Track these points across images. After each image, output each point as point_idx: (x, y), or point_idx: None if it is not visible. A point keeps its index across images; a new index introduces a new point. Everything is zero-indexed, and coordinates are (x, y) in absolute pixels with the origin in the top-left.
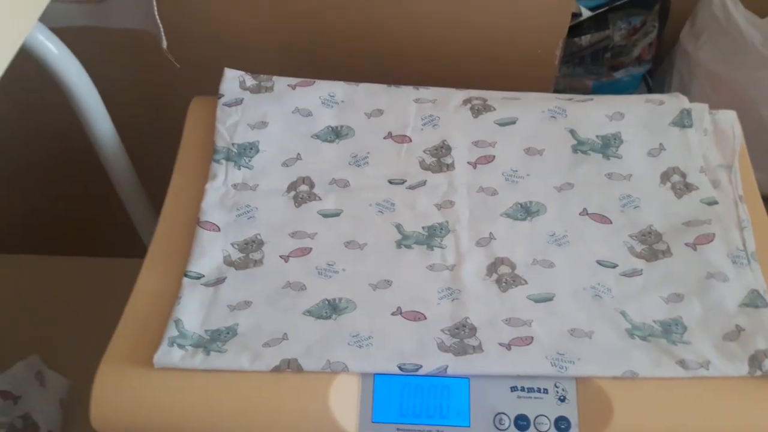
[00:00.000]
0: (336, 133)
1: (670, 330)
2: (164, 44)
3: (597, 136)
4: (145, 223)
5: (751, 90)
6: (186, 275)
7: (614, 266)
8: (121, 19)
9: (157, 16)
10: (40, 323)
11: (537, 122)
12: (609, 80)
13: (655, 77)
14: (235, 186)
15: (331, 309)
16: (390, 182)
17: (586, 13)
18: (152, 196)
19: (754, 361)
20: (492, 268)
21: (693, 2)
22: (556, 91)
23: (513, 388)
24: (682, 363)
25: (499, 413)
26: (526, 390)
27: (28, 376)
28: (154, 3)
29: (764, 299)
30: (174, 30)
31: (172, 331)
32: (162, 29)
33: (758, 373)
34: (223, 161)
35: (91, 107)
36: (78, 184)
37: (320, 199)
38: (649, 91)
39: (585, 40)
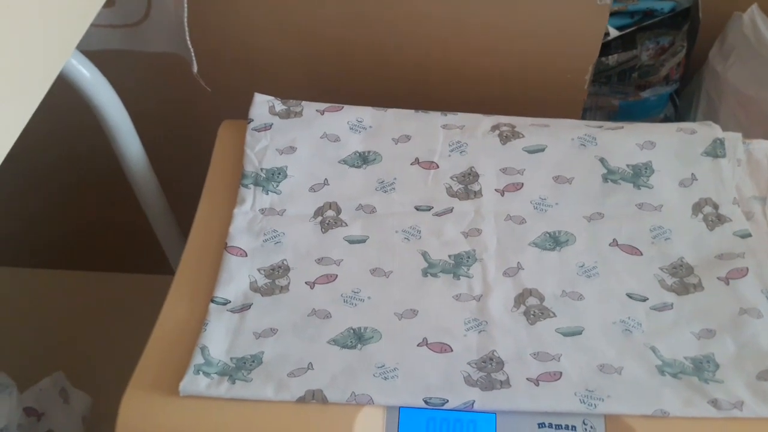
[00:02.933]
0: (363, 159)
1: (702, 367)
2: (195, 68)
3: (628, 165)
4: (173, 244)
5: None
6: (213, 301)
7: (644, 300)
8: (153, 43)
9: (189, 41)
10: (66, 338)
11: (566, 150)
12: (636, 99)
13: (682, 97)
14: (262, 211)
15: (357, 338)
16: (416, 209)
17: (613, 33)
18: (180, 218)
19: None
20: (520, 299)
21: (722, 22)
22: (583, 109)
23: (540, 425)
24: (714, 403)
25: None
26: (554, 427)
27: (53, 393)
28: (186, 27)
29: None
30: (205, 54)
31: (198, 359)
32: (193, 53)
33: None
34: (252, 186)
35: (122, 130)
36: (108, 203)
37: (347, 225)
38: (677, 110)
39: (612, 59)
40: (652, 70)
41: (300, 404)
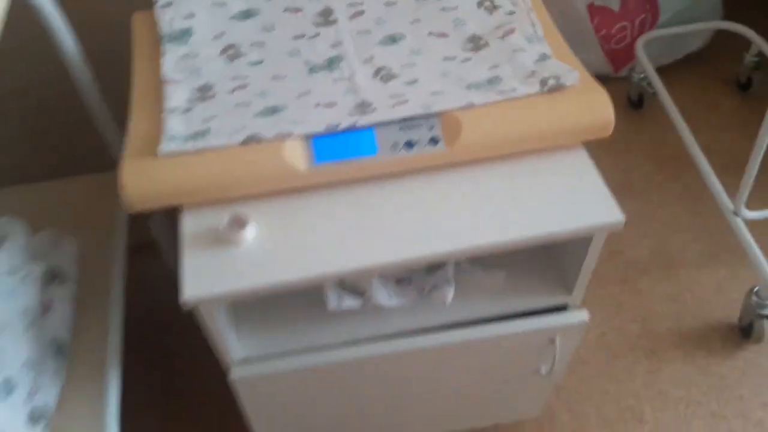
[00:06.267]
0: (247, 14)
1: (493, 81)
2: None
3: None
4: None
5: None
6: (164, 110)
7: (454, 58)
8: None
9: None
10: None
11: None
12: None
13: None
14: (182, 57)
15: (272, 111)
16: (295, 38)
17: None
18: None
19: (543, 83)
20: (376, 73)
21: None
22: None
23: (401, 127)
24: (500, 92)
25: (394, 142)
26: (409, 125)
27: (45, 242)
28: None
29: (548, 56)
30: None
31: (167, 133)
32: None
33: (545, 89)
34: (168, 43)
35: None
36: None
37: (247, 54)
38: None
39: None
40: None
41: (244, 146)
